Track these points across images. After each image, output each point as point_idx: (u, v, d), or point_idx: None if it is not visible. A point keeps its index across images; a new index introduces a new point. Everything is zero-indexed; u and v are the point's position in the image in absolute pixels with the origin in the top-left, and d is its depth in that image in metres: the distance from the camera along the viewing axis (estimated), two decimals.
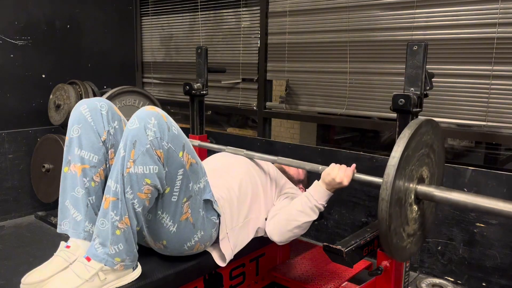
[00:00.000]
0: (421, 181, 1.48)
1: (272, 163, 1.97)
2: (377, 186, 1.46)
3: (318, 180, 1.73)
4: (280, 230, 1.76)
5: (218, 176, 1.76)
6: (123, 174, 1.29)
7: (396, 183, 1.32)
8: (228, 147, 2.07)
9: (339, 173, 1.65)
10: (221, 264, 1.63)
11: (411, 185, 1.43)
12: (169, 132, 1.33)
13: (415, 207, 1.48)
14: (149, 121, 1.30)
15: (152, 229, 1.46)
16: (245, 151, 1.97)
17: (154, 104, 2.93)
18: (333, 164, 1.69)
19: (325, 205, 1.72)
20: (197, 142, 2.31)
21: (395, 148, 1.33)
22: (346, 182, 1.64)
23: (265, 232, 1.84)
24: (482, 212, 1.47)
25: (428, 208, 1.59)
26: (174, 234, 1.46)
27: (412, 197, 1.45)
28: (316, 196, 1.70)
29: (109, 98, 2.61)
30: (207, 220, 1.55)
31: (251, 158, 1.94)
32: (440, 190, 1.43)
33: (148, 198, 1.33)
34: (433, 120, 1.52)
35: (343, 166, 1.68)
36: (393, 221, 1.35)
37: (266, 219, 1.84)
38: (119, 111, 1.54)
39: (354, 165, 1.69)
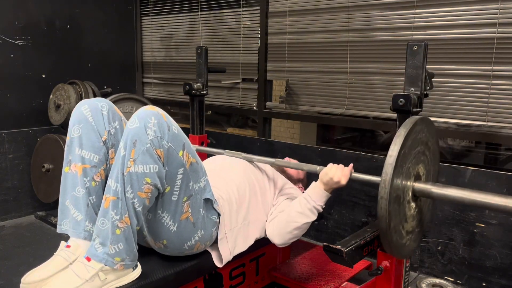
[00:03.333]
0: (417, 178, 1.49)
1: (271, 165, 1.97)
2: (375, 185, 1.47)
3: (317, 179, 1.73)
4: (280, 232, 1.76)
5: (216, 177, 1.76)
6: (123, 174, 1.29)
7: (394, 181, 1.34)
8: (227, 150, 2.06)
9: (337, 173, 1.65)
10: (218, 264, 1.63)
11: (408, 182, 1.44)
12: (169, 132, 1.33)
13: (413, 204, 1.49)
14: (149, 120, 1.31)
15: (152, 229, 1.46)
16: (243, 154, 1.97)
17: None
18: (330, 164, 1.70)
19: (324, 206, 1.73)
20: (195, 147, 2.31)
21: (391, 147, 1.35)
22: (344, 181, 1.65)
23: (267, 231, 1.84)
24: (479, 207, 1.48)
25: (425, 205, 1.60)
26: (174, 234, 1.46)
27: (410, 194, 1.46)
28: (314, 197, 1.70)
29: None
30: (208, 219, 1.55)
31: (250, 161, 1.95)
32: (437, 186, 1.44)
33: (148, 197, 1.33)
34: (427, 118, 1.53)
35: (341, 165, 1.69)
36: (392, 219, 1.37)
37: (266, 221, 1.84)
38: (119, 111, 1.55)
39: (351, 165, 1.70)
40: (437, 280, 2.18)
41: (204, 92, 2.53)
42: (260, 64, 3.04)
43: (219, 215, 1.61)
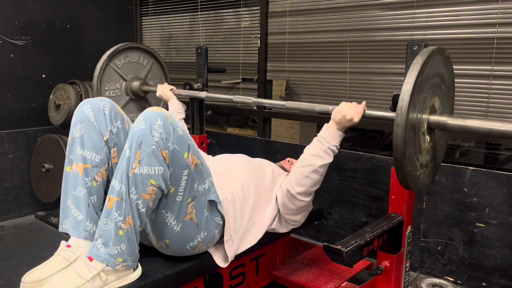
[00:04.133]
0: (433, 111, 1.46)
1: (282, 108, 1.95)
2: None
3: None
4: (297, 179, 1.74)
5: (220, 178, 1.75)
6: (128, 175, 1.29)
7: (410, 109, 1.30)
8: (236, 95, 2.07)
9: (350, 110, 1.65)
10: (223, 265, 1.63)
11: (424, 114, 1.41)
12: (174, 133, 1.33)
13: (427, 137, 1.47)
14: (155, 122, 1.30)
15: (155, 228, 1.46)
16: (253, 99, 1.97)
17: (158, 62, 2.89)
18: (343, 102, 1.69)
19: (338, 146, 1.71)
20: (204, 94, 2.29)
21: (408, 74, 1.31)
22: (357, 118, 1.64)
23: (272, 223, 1.83)
24: (496, 137, 1.44)
25: (439, 141, 1.58)
26: (177, 234, 1.46)
27: (425, 126, 1.43)
28: (328, 138, 1.69)
29: (113, 53, 2.57)
30: (211, 221, 1.55)
31: (260, 106, 1.96)
32: (452, 118, 1.41)
33: (152, 199, 1.33)
34: (445, 50, 1.49)
35: (354, 103, 1.68)
36: (407, 147, 1.33)
37: (271, 221, 1.84)
38: (122, 110, 1.55)
39: (364, 102, 1.69)
40: (437, 280, 2.18)
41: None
42: (260, 64, 3.04)
43: (222, 217, 1.60)
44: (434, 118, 1.43)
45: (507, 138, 1.42)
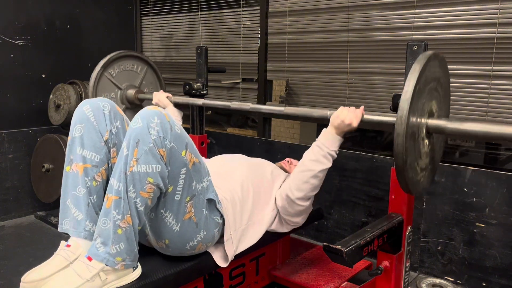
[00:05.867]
0: (431, 115, 1.47)
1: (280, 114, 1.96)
2: (389, 126, 1.47)
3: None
4: (297, 184, 1.74)
5: (220, 179, 1.75)
6: (126, 173, 1.29)
7: (410, 117, 1.32)
8: (234, 102, 2.06)
9: (348, 115, 1.65)
10: (223, 264, 1.63)
11: (422, 119, 1.43)
12: (172, 132, 1.33)
13: (426, 141, 1.48)
14: (152, 120, 1.31)
15: (154, 228, 1.46)
16: (250, 105, 1.96)
17: (152, 68, 2.88)
18: (341, 107, 1.70)
19: (337, 151, 1.71)
20: (201, 101, 2.30)
21: (407, 82, 1.32)
22: (355, 123, 1.64)
23: (272, 223, 1.83)
24: (493, 139, 1.47)
25: (437, 143, 1.59)
26: (177, 233, 1.46)
27: (424, 131, 1.45)
28: (327, 143, 1.69)
29: (107, 63, 2.57)
30: (210, 220, 1.55)
31: (257, 111, 1.95)
32: (451, 121, 1.42)
33: (151, 197, 1.33)
34: (440, 54, 1.50)
35: (352, 107, 1.68)
36: (408, 155, 1.35)
37: (271, 221, 1.84)
38: (121, 111, 1.55)
39: (362, 107, 1.69)
40: (437, 280, 2.18)
41: (204, 92, 2.53)
42: (260, 64, 3.05)
43: (222, 216, 1.60)
44: (433, 122, 1.45)
45: (504, 140, 1.42)
